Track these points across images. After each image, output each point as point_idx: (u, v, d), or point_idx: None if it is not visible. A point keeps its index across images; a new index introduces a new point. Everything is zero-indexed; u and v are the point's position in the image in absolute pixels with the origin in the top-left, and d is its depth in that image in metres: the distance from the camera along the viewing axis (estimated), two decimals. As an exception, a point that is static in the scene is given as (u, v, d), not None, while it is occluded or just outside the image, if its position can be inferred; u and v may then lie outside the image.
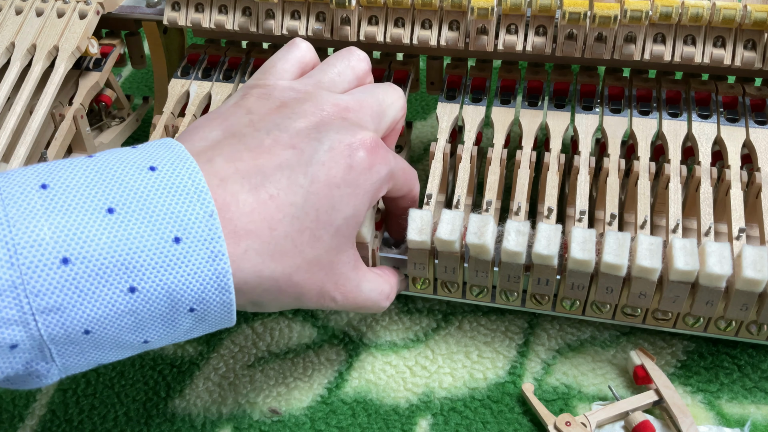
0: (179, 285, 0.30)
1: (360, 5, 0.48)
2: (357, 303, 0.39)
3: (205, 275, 0.30)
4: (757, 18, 0.43)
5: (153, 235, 0.29)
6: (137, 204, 0.29)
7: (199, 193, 0.30)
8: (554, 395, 0.45)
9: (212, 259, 0.30)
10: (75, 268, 0.28)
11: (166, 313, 0.30)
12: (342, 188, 0.34)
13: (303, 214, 0.33)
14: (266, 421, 0.45)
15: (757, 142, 0.45)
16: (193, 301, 0.31)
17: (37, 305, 0.28)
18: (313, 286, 0.35)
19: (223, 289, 0.31)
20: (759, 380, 0.46)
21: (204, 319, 0.32)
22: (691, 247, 0.38)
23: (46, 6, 0.53)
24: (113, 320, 0.29)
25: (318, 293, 0.36)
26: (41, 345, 0.29)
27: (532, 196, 0.52)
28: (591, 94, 0.49)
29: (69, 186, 0.29)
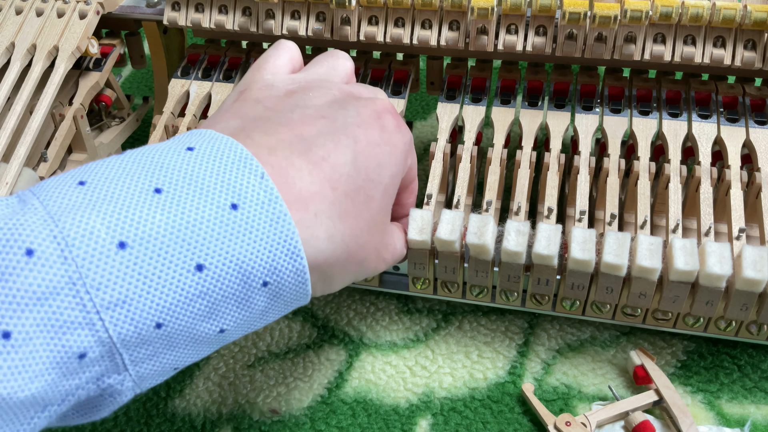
0: (247, 255, 0.28)
1: (360, 5, 0.48)
2: (397, 258, 0.39)
3: (273, 240, 0.29)
4: (757, 18, 0.43)
5: (208, 206, 0.27)
6: (184, 180, 0.28)
7: (245, 159, 0.29)
8: (554, 395, 0.45)
9: (275, 221, 0.29)
10: (134, 251, 0.26)
11: (240, 292, 0.29)
12: (382, 146, 0.34)
13: (355, 172, 0.33)
14: (266, 421, 0.45)
15: (757, 142, 0.45)
16: (265, 273, 0.29)
17: (100, 300, 0.25)
18: (373, 247, 0.35)
19: (294, 255, 0.29)
20: (759, 380, 0.46)
21: (278, 294, 0.30)
22: (691, 247, 0.38)
23: (46, 6, 0.53)
24: (185, 306, 0.27)
25: (376, 255, 0.36)
26: (111, 350, 0.26)
27: (532, 196, 0.52)
28: (591, 94, 0.49)
29: (108, 178, 0.28)
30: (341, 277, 0.34)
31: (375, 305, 0.51)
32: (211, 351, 0.31)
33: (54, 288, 0.25)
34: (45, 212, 0.25)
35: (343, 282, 0.35)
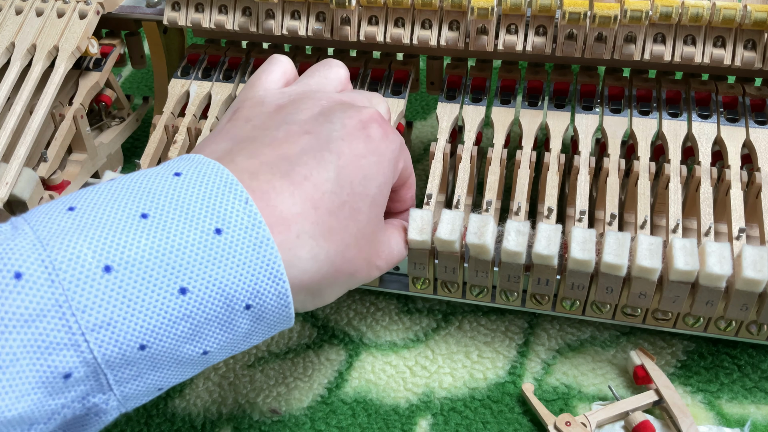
0: (230, 279, 0.29)
1: (360, 5, 0.48)
2: (393, 262, 0.39)
3: (255, 264, 0.29)
4: (757, 18, 0.43)
5: (193, 231, 0.28)
6: (170, 205, 0.29)
7: (230, 185, 0.30)
8: (554, 395, 0.45)
9: (258, 246, 0.29)
10: (119, 275, 0.27)
11: (222, 314, 0.29)
12: (368, 157, 0.35)
13: (339, 188, 0.33)
14: (266, 421, 0.45)
15: (757, 142, 0.45)
16: (248, 296, 0.29)
17: (85, 322, 0.26)
18: (363, 259, 0.35)
19: (276, 278, 0.30)
20: (759, 380, 0.46)
21: (261, 317, 0.31)
22: (691, 247, 0.38)
23: (46, 6, 0.53)
24: (168, 329, 0.28)
25: (366, 265, 0.36)
26: (96, 371, 0.27)
27: (532, 196, 0.52)
28: (591, 94, 0.49)
29: (96, 203, 0.28)
30: (331, 291, 0.35)
31: (375, 305, 0.51)
32: (195, 372, 0.31)
33: (41, 310, 0.25)
34: (34, 237, 0.26)
35: (334, 295, 0.35)
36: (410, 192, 0.42)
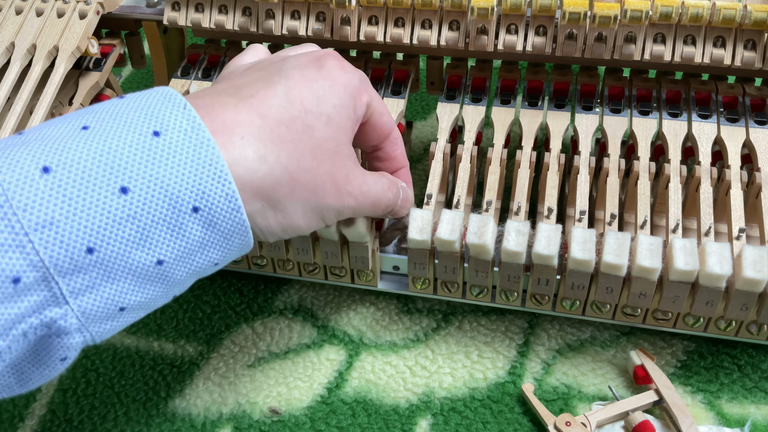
0: (172, 179, 0.29)
1: (360, 5, 0.48)
2: (371, 197, 0.38)
3: (197, 164, 0.29)
4: (757, 18, 0.43)
5: (131, 134, 0.29)
6: (110, 117, 0.29)
7: (169, 96, 0.31)
8: (554, 395, 0.45)
9: (199, 146, 0.29)
10: (57, 175, 0.27)
11: (169, 217, 0.29)
12: (320, 81, 0.35)
13: (288, 104, 0.33)
14: (266, 421, 0.45)
15: (757, 142, 0.45)
16: (193, 197, 0.29)
17: (27, 222, 0.26)
18: (326, 175, 0.34)
19: (221, 179, 0.30)
20: (759, 380, 0.46)
21: (213, 223, 0.30)
22: (691, 247, 0.38)
23: (46, 6, 0.53)
24: (113, 230, 0.28)
25: (333, 185, 0.35)
26: (46, 277, 0.27)
27: (532, 196, 0.52)
28: (591, 94, 0.49)
29: (43, 126, 0.30)
30: (293, 205, 0.34)
31: (375, 305, 0.51)
32: (157, 295, 0.31)
33: None
34: None
35: (298, 212, 0.34)
36: (398, 149, 0.42)
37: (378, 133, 0.40)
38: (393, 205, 0.40)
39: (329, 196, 0.35)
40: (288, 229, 0.34)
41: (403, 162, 0.43)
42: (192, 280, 0.33)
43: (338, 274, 0.47)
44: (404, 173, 0.43)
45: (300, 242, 0.44)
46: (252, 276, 0.54)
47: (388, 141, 0.41)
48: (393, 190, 0.40)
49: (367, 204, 0.38)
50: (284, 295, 0.53)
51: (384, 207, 0.40)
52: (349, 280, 0.47)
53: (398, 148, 0.42)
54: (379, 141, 0.41)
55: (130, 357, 0.49)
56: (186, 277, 0.32)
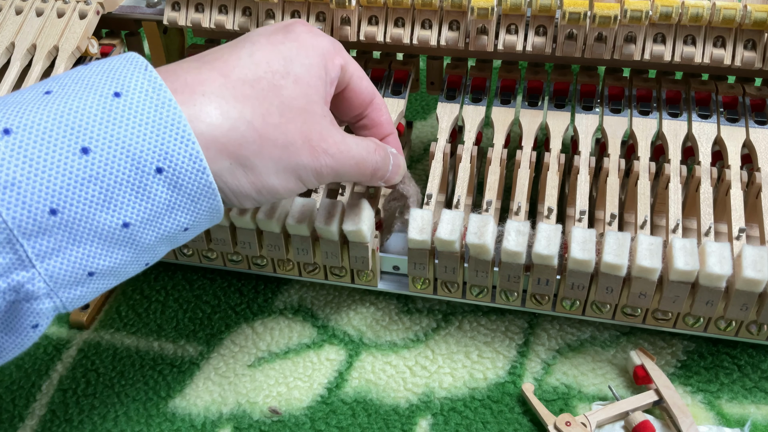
0: (134, 139, 0.29)
1: (360, 5, 0.48)
2: (353, 157, 0.36)
3: (159, 124, 0.29)
4: (757, 18, 0.43)
5: (91, 96, 0.29)
6: (72, 82, 0.29)
7: (131, 60, 0.31)
8: (554, 395, 0.45)
9: (160, 106, 0.29)
10: (18, 136, 0.27)
11: (133, 178, 0.29)
12: (286, 44, 0.35)
13: (253, 65, 0.33)
14: (266, 421, 0.45)
15: (757, 142, 0.45)
16: (156, 157, 0.29)
17: None
18: (296, 132, 0.34)
19: (184, 138, 0.29)
20: (759, 380, 0.46)
21: (178, 184, 0.30)
22: (691, 247, 0.38)
23: (46, 6, 0.53)
24: (76, 191, 0.28)
25: (306, 142, 0.34)
26: (10, 239, 0.27)
27: (532, 196, 0.52)
28: (591, 94, 0.49)
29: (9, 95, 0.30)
30: (264, 163, 0.33)
31: (375, 305, 0.51)
32: (127, 258, 0.31)
33: None
34: None
35: (270, 170, 0.33)
36: (383, 115, 0.41)
37: (360, 99, 0.40)
38: (382, 169, 0.39)
39: (303, 153, 0.34)
40: (262, 190, 0.33)
41: (389, 128, 0.42)
42: (164, 247, 0.32)
43: (338, 274, 0.47)
44: (392, 140, 0.42)
45: (300, 242, 0.44)
46: (252, 276, 0.54)
47: (371, 107, 0.40)
48: (380, 153, 0.39)
49: (349, 165, 0.36)
50: (284, 295, 0.53)
51: (372, 170, 0.38)
52: (349, 280, 0.47)
53: (383, 114, 0.41)
54: (362, 108, 0.40)
55: (130, 357, 0.49)
56: (155, 242, 0.31)
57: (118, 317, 0.52)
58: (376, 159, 0.38)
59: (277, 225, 0.43)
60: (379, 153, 0.39)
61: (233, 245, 0.46)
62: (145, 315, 0.52)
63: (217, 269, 0.54)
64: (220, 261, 0.49)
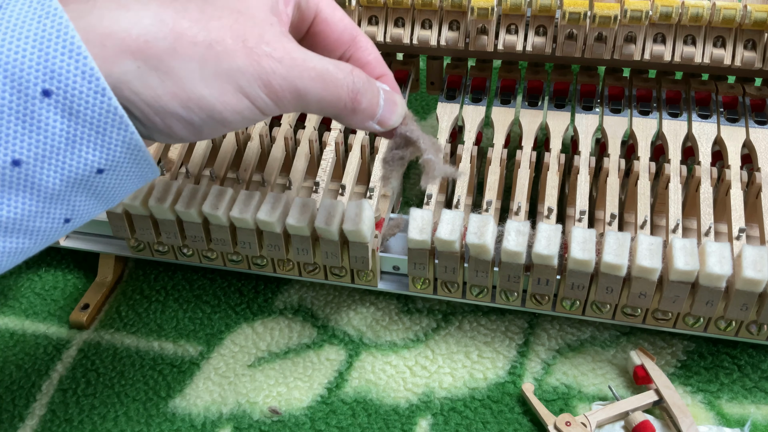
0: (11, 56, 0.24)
1: (360, 5, 0.48)
2: (311, 67, 0.30)
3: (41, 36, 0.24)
4: (757, 18, 0.43)
5: None
6: None
7: None
8: (554, 395, 0.45)
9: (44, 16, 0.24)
10: None
11: (16, 104, 0.24)
12: None
13: None
14: (266, 421, 0.45)
15: (757, 142, 0.45)
16: (41, 77, 0.24)
17: None
18: (224, 29, 0.28)
19: (73, 52, 0.25)
20: (759, 380, 0.46)
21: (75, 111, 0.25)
22: (691, 247, 0.38)
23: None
24: None
25: (239, 42, 0.28)
26: None
27: (532, 196, 0.52)
28: (591, 94, 0.49)
29: None
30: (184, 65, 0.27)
31: (375, 305, 0.51)
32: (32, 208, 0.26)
33: None
34: None
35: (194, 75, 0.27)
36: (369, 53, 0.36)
37: (336, 34, 0.35)
38: (366, 96, 0.32)
39: (237, 55, 0.28)
40: (189, 102, 0.27)
41: (381, 68, 0.36)
42: (81, 197, 0.28)
43: (338, 274, 0.47)
44: (387, 81, 0.36)
45: (300, 242, 0.44)
46: (252, 276, 0.54)
47: (354, 46, 0.35)
48: (360, 77, 0.32)
49: (310, 77, 0.30)
50: (284, 295, 0.53)
51: (349, 93, 0.32)
52: (349, 280, 0.47)
53: (370, 53, 0.36)
54: (341, 45, 0.35)
55: (130, 357, 0.49)
56: (64, 188, 0.27)
57: (118, 317, 0.52)
58: (353, 80, 0.32)
59: (277, 225, 0.43)
60: (358, 76, 0.32)
61: (233, 245, 0.46)
62: (145, 315, 0.52)
63: (217, 269, 0.54)
64: (220, 261, 0.49)
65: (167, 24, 0.27)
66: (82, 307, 0.52)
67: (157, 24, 0.26)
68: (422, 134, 0.36)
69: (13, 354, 0.50)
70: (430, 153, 0.36)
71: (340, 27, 0.35)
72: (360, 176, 0.49)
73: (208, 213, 0.44)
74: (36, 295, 0.54)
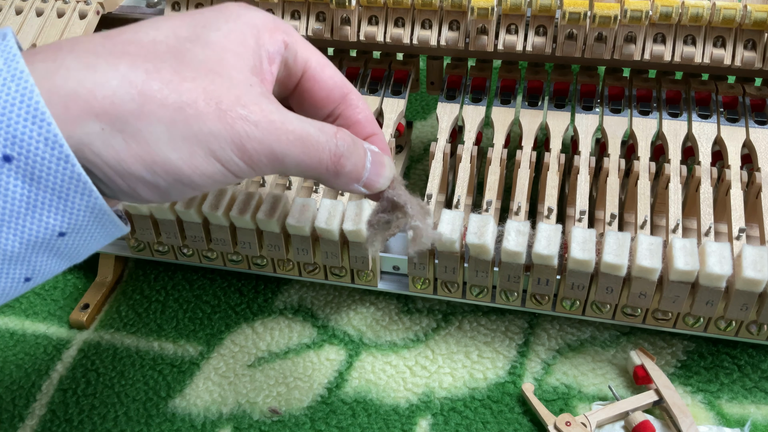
0: None
1: (360, 5, 0.48)
2: (290, 131, 0.29)
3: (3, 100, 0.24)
4: (757, 18, 0.43)
5: None
6: None
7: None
8: (554, 395, 0.45)
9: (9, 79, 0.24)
10: None
11: None
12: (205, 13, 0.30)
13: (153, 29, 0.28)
14: (266, 421, 0.45)
15: (757, 142, 0.45)
16: (3, 143, 0.24)
17: None
18: (197, 90, 0.27)
19: (38, 119, 0.24)
20: (759, 380, 0.46)
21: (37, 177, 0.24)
22: (691, 247, 0.38)
23: (46, 6, 0.53)
24: None
25: (212, 104, 0.27)
26: None
27: (532, 196, 0.52)
28: (591, 94, 0.49)
29: None
30: (151, 127, 0.26)
31: (375, 305, 0.51)
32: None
33: None
34: None
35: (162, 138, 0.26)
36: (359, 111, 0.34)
37: (325, 92, 0.33)
38: (351, 160, 0.31)
39: (208, 117, 0.27)
40: (154, 166, 0.26)
41: (371, 127, 0.35)
42: (42, 258, 0.27)
43: (338, 274, 0.47)
44: (377, 140, 0.35)
45: (300, 242, 0.44)
46: (252, 276, 0.54)
47: (344, 104, 0.34)
48: (345, 140, 0.31)
49: (287, 141, 0.28)
50: (284, 295, 0.53)
51: (330, 156, 0.30)
52: (349, 280, 0.47)
53: (361, 111, 0.34)
54: (330, 103, 0.34)
55: (130, 357, 0.49)
56: (23, 250, 0.26)
57: (118, 317, 0.52)
58: (336, 144, 0.30)
59: (277, 225, 0.43)
60: (342, 138, 0.31)
61: (233, 245, 0.46)
62: (145, 315, 0.52)
63: (217, 269, 0.54)
64: (220, 261, 0.49)
65: (135, 85, 0.26)
66: (82, 307, 0.52)
67: (124, 85, 0.26)
68: (410, 198, 0.35)
69: (13, 354, 0.50)
70: (418, 219, 0.35)
71: (330, 84, 0.33)
72: (360, 176, 0.49)
73: (208, 213, 0.44)
74: (36, 295, 0.54)
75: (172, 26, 0.28)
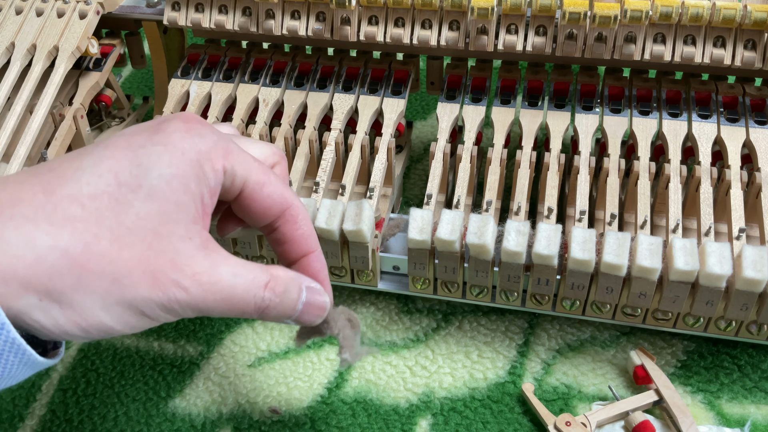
0: None
1: (360, 5, 0.48)
2: (222, 293, 0.30)
3: None
4: (757, 18, 0.43)
5: None
6: None
7: None
8: (554, 395, 0.45)
9: None
10: None
11: None
12: (147, 147, 0.29)
13: (94, 176, 0.28)
14: (266, 421, 0.45)
15: (757, 142, 0.45)
16: None
17: None
18: (133, 260, 0.28)
19: None
20: (759, 380, 0.46)
21: None
22: (691, 247, 0.38)
23: (46, 6, 0.53)
24: None
25: (147, 273, 0.28)
26: None
27: (532, 196, 0.52)
28: (591, 94, 0.49)
29: None
30: (85, 297, 0.27)
31: (375, 305, 0.51)
32: None
33: None
34: None
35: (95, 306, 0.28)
36: (298, 228, 0.34)
37: (261, 210, 0.33)
38: (277, 308, 0.32)
39: (142, 286, 0.28)
40: (90, 329, 0.28)
41: (308, 246, 0.35)
42: None
43: (338, 274, 0.47)
44: (314, 261, 0.35)
45: (300, 242, 0.44)
46: (252, 276, 0.54)
47: (282, 219, 0.34)
48: (276, 289, 0.31)
49: (214, 300, 0.30)
50: (284, 295, 0.53)
51: (253, 308, 0.31)
52: (349, 280, 0.47)
53: (299, 228, 0.34)
54: (269, 218, 0.34)
55: (130, 357, 0.49)
56: None
57: (118, 317, 0.52)
58: (264, 297, 0.31)
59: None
60: (272, 289, 0.31)
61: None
62: (145, 315, 0.52)
63: (217, 269, 0.54)
64: (220, 261, 0.49)
65: (74, 258, 0.27)
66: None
67: (63, 260, 0.26)
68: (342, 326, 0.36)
69: (13, 354, 0.50)
70: (346, 352, 0.36)
71: (267, 202, 0.33)
72: (360, 176, 0.49)
73: (208, 213, 0.43)
74: (36, 295, 0.54)
75: (112, 169, 0.29)
